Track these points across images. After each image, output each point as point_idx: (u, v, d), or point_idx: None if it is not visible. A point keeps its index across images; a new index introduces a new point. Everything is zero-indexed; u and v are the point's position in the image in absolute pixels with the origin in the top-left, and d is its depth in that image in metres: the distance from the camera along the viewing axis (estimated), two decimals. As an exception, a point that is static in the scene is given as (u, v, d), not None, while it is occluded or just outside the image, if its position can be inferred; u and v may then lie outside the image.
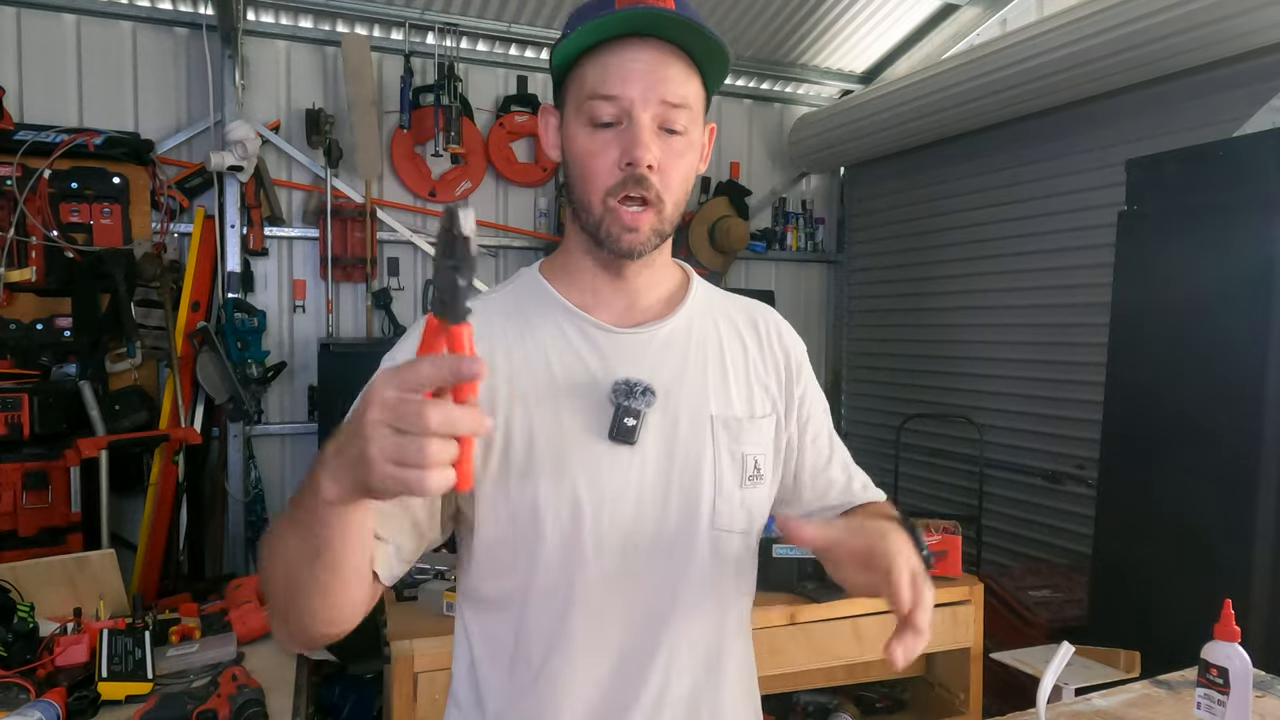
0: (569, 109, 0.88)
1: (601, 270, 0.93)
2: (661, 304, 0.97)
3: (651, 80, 0.84)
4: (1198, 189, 2.31)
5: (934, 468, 4.13)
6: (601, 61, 0.84)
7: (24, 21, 3.29)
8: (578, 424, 0.88)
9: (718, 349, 0.97)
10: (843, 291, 4.86)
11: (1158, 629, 2.16)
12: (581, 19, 0.85)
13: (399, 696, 1.86)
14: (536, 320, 0.92)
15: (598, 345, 0.91)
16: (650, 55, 0.84)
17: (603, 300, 0.94)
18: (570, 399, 0.88)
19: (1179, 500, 2.28)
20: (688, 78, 0.86)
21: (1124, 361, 2.52)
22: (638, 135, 0.84)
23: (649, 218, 0.86)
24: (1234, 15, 2.47)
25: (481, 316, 0.84)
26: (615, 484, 0.88)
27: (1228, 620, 1.22)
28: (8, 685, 1.55)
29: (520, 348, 0.90)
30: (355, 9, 3.64)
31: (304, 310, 3.75)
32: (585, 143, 0.86)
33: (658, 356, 0.93)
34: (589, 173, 0.86)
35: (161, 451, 3.21)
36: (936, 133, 3.81)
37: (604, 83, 0.84)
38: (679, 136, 0.87)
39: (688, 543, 0.91)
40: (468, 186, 3.94)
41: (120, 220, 3.24)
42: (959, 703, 2.44)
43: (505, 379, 0.88)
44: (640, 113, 0.84)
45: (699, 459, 0.92)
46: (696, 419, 0.92)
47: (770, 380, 1.00)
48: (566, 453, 0.87)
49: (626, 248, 0.87)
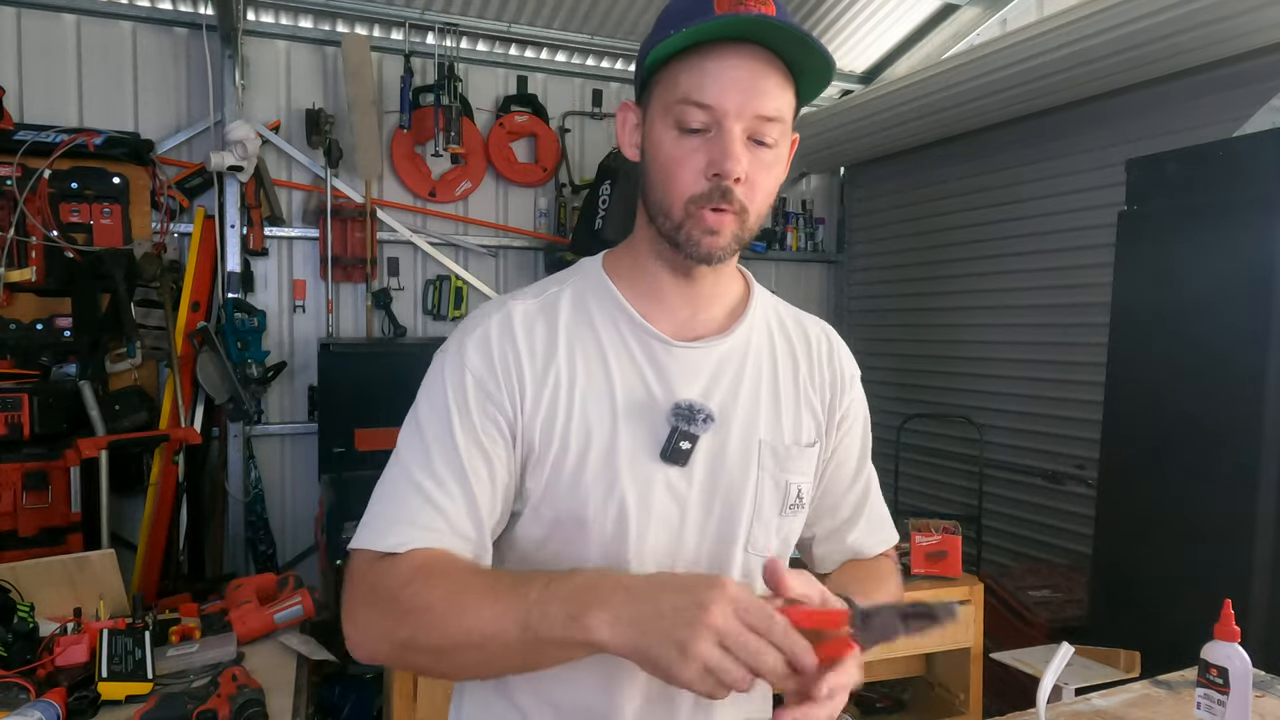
0: (655, 109, 0.86)
1: (669, 273, 0.92)
2: (724, 315, 0.96)
3: (750, 92, 0.81)
4: (1198, 189, 2.31)
5: (934, 468, 4.13)
6: (697, 66, 0.81)
7: (24, 21, 3.29)
8: (632, 439, 0.88)
9: (771, 369, 0.96)
10: (843, 291, 4.86)
11: (1158, 629, 2.16)
12: (681, 20, 0.81)
13: (399, 696, 1.86)
14: (599, 322, 0.91)
15: (657, 359, 0.90)
16: (750, 65, 0.81)
17: (666, 306, 0.92)
18: (627, 414, 0.88)
19: (1179, 500, 2.28)
20: (784, 89, 0.84)
21: (1124, 361, 2.52)
22: (729, 147, 0.81)
23: (731, 223, 0.84)
24: (1234, 15, 2.47)
25: (546, 312, 0.91)
26: (662, 503, 0.88)
27: (1228, 620, 1.22)
28: (8, 685, 1.55)
29: (582, 351, 0.90)
30: (355, 9, 3.63)
31: (304, 310, 3.75)
32: (671, 148, 0.84)
33: (713, 375, 0.92)
34: (673, 178, 0.84)
35: (161, 451, 3.21)
36: (936, 133, 3.81)
37: (699, 89, 0.81)
38: (768, 149, 0.84)
39: (722, 565, 0.92)
40: (468, 186, 3.94)
41: (120, 220, 3.24)
42: (959, 703, 2.44)
43: (567, 383, 0.88)
44: (733, 124, 0.81)
45: (743, 484, 0.91)
46: (746, 444, 0.92)
47: (816, 402, 0.99)
48: (618, 467, 0.87)
49: (706, 251, 0.85)
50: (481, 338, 0.88)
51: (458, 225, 3.99)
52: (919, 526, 2.43)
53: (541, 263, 4.14)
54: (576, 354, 0.89)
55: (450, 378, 0.87)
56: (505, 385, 0.87)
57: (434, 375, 0.89)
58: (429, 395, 0.88)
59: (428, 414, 0.87)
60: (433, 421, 0.86)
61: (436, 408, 0.87)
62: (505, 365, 0.87)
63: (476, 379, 0.86)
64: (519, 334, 0.88)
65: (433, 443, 0.85)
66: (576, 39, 3.98)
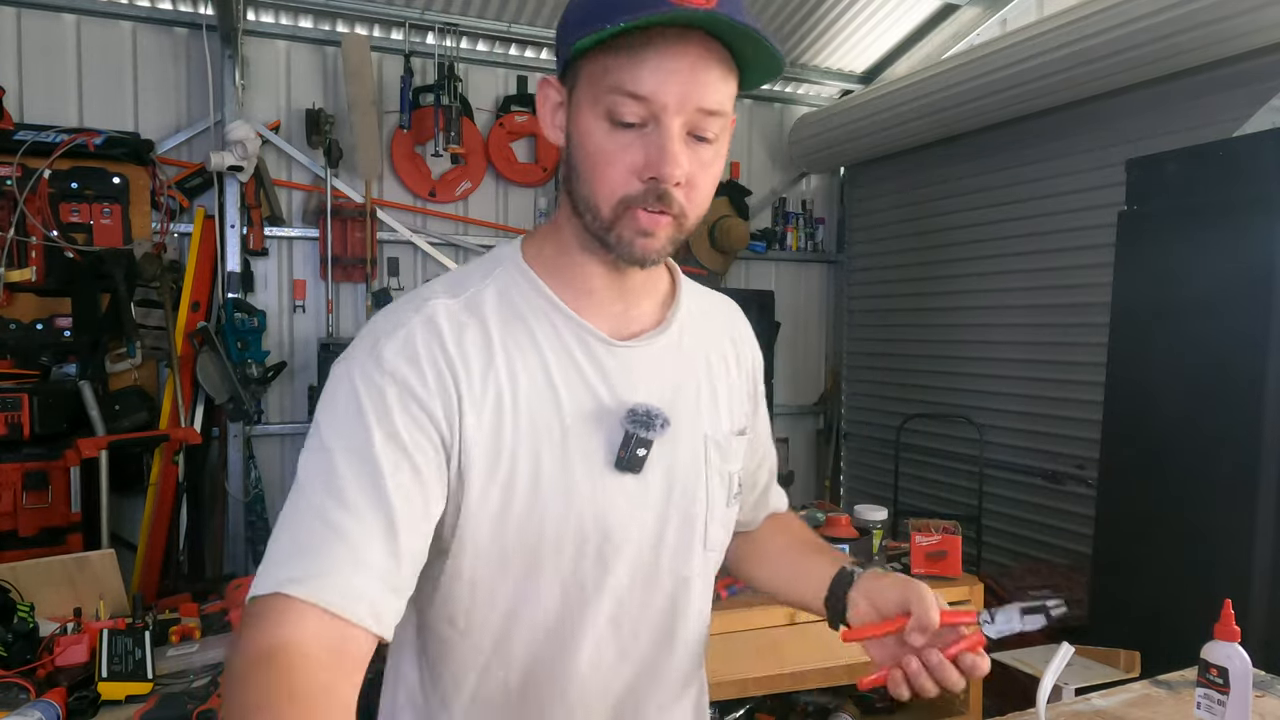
0: (583, 94, 0.76)
1: (598, 265, 0.84)
2: (656, 308, 0.90)
3: (691, 84, 0.73)
4: (1198, 189, 2.31)
5: (934, 468, 4.13)
6: (634, 53, 0.72)
7: (24, 21, 3.29)
8: (583, 452, 0.82)
9: (705, 361, 0.93)
10: (843, 291, 4.86)
11: (1158, 629, 2.16)
12: (619, 4, 0.71)
13: (399, 696, 1.85)
14: (533, 325, 0.83)
15: (599, 362, 0.83)
16: (692, 54, 0.72)
17: (598, 301, 0.85)
18: (577, 425, 0.81)
19: (1179, 500, 2.28)
20: (726, 80, 0.75)
21: (1124, 361, 2.52)
22: (667, 147, 0.73)
23: (668, 224, 0.77)
24: (1234, 15, 2.47)
25: (473, 313, 0.81)
26: (619, 515, 0.84)
27: (1228, 620, 1.22)
28: (8, 685, 1.55)
29: (522, 360, 0.81)
30: (355, 9, 3.64)
31: (304, 310, 3.75)
32: (602, 140, 0.75)
33: (656, 373, 0.87)
34: (603, 176, 0.76)
35: (161, 451, 3.21)
36: (936, 133, 3.81)
37: (635, 79, 0.72)
38: (708, 145, 0.77)
39: (683, 568, 0.89)
40: (468, 186, 3.94)
41: (120, 220, 3.24)
42: (959, 703, 2.44)
43: (511, 397, 0.79)
44: (672, 119, 0.73)
45: (696, 484, 0.89)
46: (693, 441, 0.89)
47: (742, 386, 0.98)
48: (574, 483, 0.81)
49: (640, 254, 0.78)
50: (404, 340, 0.77)
51: (458, 225, 3.99)
52: (919, 526, 2.43)
53: (541, 263, 4.13)
54: (515, 359, 0.80)
55: (363, 386, 0.75)
56: (439, 394, 0.76)
57: (338, 386, 0.76)
58: (332, 410, 0.75)
59: (333, 431, 0.74)
60: (341, 437, 0.73)
61: (347, 421, 0.73)
62: (437, 371, 0.76)
63: (400, 384, 0.75)
64: (448, 338, 0.78)
65: (342, 461, 0.72)
66: (576, 39, 3.97)
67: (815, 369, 4.95)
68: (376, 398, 0.74)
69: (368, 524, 0.70)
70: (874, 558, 2.42)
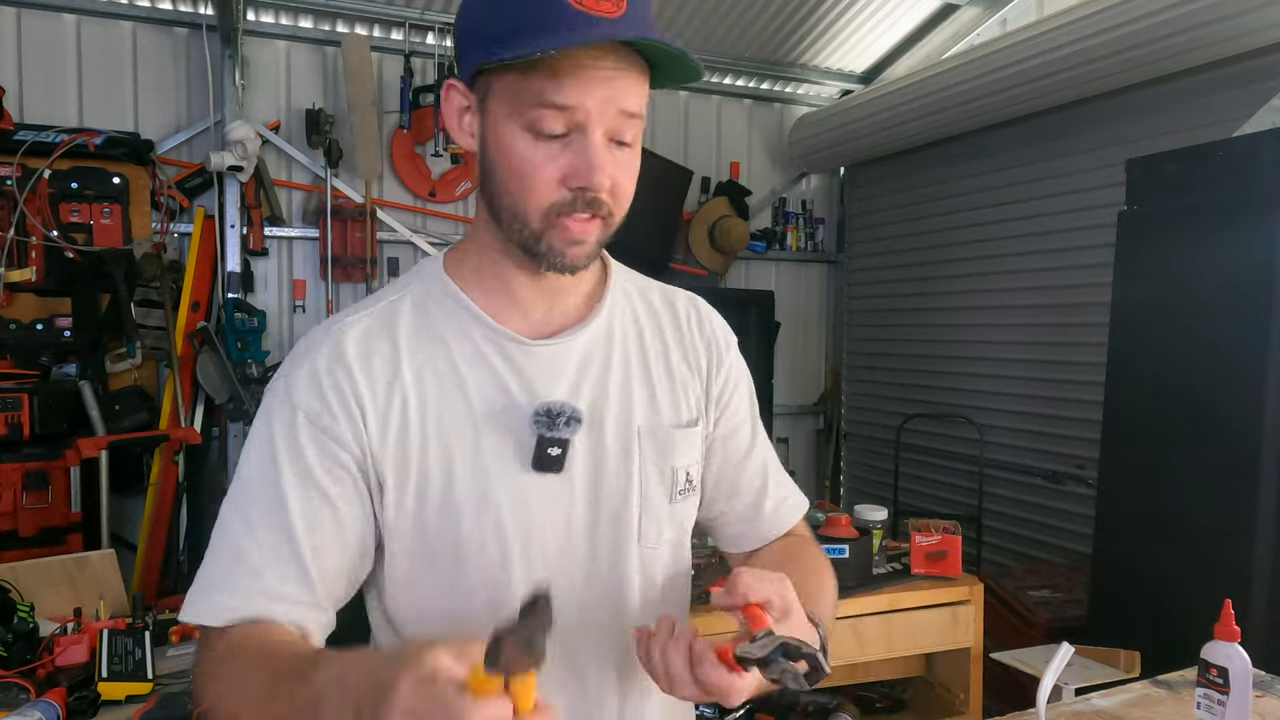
0: (498, 106, 0.76)
1: (520, 271, 0.84)
2: (582, 302, 0.89)
3: (611, 90, 0.74)
4: (1198, 189, 2.30)
5: (934, 468, 4.13)
6: (552, 65, 0.72)
7: (24, 21, 3.29)
8: (499, 453, 0.81)
9: (640, 351, 0.91)
10: (843, 291, 4.86)
11: (1158, 629, 2.16)
12: (533, 19, 0.71)
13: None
14: (445, 331, 0.83)
15: (514, 362, 0.83)
16: (609, 62, 0.73)
17: (519, 303, 0.85)
18: (489, 426, 0.81)
19: (1179, 500, 2.28)
20: (641, 84, 0.77)
21: (1124, 361, 2.52)
22: (593, 158, 0.74)
23: (596, 229, 0.79)
24: (1234, 15, 2.47)
25: (383, 329, 0.83)
26: (541, 515, 0.83)
27: (1228, 620, 1.22)
28: (8, 685, 1.55)
29: (430, 366, 0.82)
30: (355, 9, 3.63)
31: (304, 310, 3.75)
32: (525, 151, 0.75)
33: (579, 369, 0.86)
34: (528, 186, 0.76)
35: (161, 451, 3.21)
36: (936, 133, 3.81)
37: (557, 89, 0.72)
38: (627, 149, 0.78)
39: (619, 566, 0.87)
40: (468, 186, 3.94)
41: (120, 220, 3.24)
42: (959, 703, 2.44)
43: (417, 404, 0.80)
44: (595, 127, 0.74)
45: (627, 479, 0.87)
46: (623, 434, 0.87)
47: (691, 377, 0.94)
48: (489, 485, 0.81)
49: (570, 262, 0.79)
50: (309, 373, 0.80)
51: (458, 225, 3.99)
52: (919, 526, 2.43)
53: (541, 263, 4.13)
54: (424, 369, 0.82)
55: (277, 421, 0.79)
56: (345, 417, 0.79)
57: (260, 419, 0.81)
58: (254, 444, 0.80)
59: (251, 467, 0.79)
60: (257, 473, 0.78)
61: (261, 457, 0.78)
62: (341, 396, 0.79)
63: (309, 416, 0.78)
64: (353, 360, 0.80)
65: (254, 498, 0.77)
66: (576, 39, 3.97)
67: (815, 369, 4.95)
68: (287, 432, 0.79)
69: (277, 558, 0.76)
70: (874, 558, 2.42)
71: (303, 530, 0.76)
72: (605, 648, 0.87)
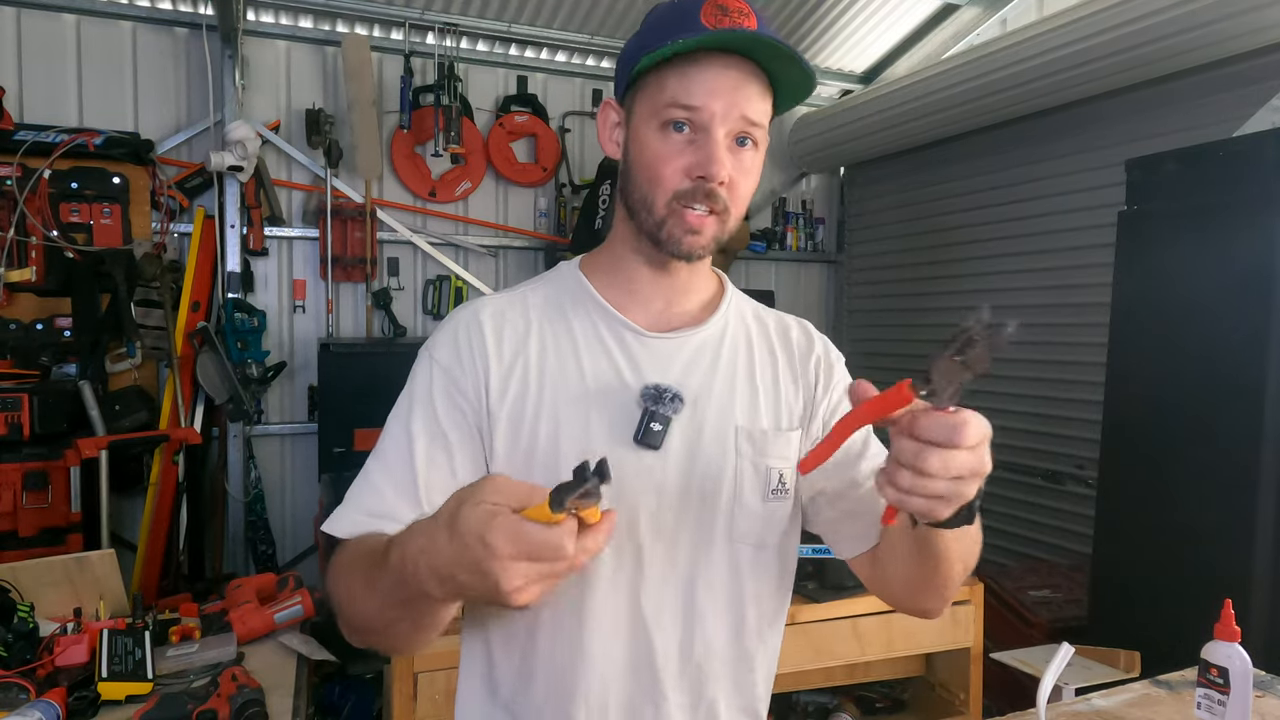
0: (640, 110, 0.89)
1: (645, 265, 0.94)
2: (698, 309, 0.98)
3: (735, 96, 0.85)
4: (1198, 189, 2.30)
5: (934, 468, 4.12)
6: (685, 72, 0.85)
7: (24, 21, 3.29)
8: (604, 426, 0.89)
9: (748, 360, 0.97)
10: (843, 291, 4.86)
11: (1158, 629, 2.16)
12: (670, 31, 0.84)
13: (399, 696, 1.86)
14: (571, 316, 0.94)
15: (629, 348, 0.92)
16: (734, 72, 0.85)
17: (641, 299, 0.95)
18: (599, 402, 0.90)
19: (1179, 500, 2.28)
20: (764, 98, 0.87)
21: (1124, 361, 2.52)
22: (713, 151, 0.85)
23: (712, 224, 0.88)
24: (1234, 15, 2.47)
25: (518, 308, 0.95)
26: (636, 487, 0.89)
27: (1228, 620, 1.22)
28: (8, 685, 1.54)
29: (554, 344, 0.92)
30: (355, 9, 3.64)
31: (304, 310, 3.75)
32: (657, 146, 0.87)
33: (688, 363, 0.93)
34: (657, 175, 0.87)
35: (161, 451, 3.21)
36: (936, 133, 3.81)
37: (687, 93, 0.85)
38: (749, 151, 0.88)
39: (704, 551, 0.91)
40: (468, 186, 3.94)
41: (120, 220, 3.25)
42: (959, 703, 2.44)
43: (537, 375, 0.90)
44: (718, 127, 0.85)
45: (720, 469, 0.92)
46: (721, 429, 0.92)
47: (795, 392, 0.99)
48: (592, 452, 0.85)
49: (687, 250, 0.88)
50: (449, 334, 0.93)
51: (458, 225, 3.99)
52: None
53: (542, 263, 4.14)
54: (547, 343, 0.92)
55: (419, 375, 0.92)
56: (470, 373, 0.90)
57: (410, 376, 0.94)
58: (404, 394, 0.93)
59: (395, 411, 0.92)
60: (396, 418, 0.91)
61: (402, 404, 0.92)
62: (470, 355, 0.91)
63: (443, 370, 0.91)
64: (486, 326, 0.92)
65: (390, 436, 0.90)
66: (576, 39, 3.98)
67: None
68: (425, 384, 0.91)
69: (397, 483, 0.87)
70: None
71: (422, 465, 0.87)
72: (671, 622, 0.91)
